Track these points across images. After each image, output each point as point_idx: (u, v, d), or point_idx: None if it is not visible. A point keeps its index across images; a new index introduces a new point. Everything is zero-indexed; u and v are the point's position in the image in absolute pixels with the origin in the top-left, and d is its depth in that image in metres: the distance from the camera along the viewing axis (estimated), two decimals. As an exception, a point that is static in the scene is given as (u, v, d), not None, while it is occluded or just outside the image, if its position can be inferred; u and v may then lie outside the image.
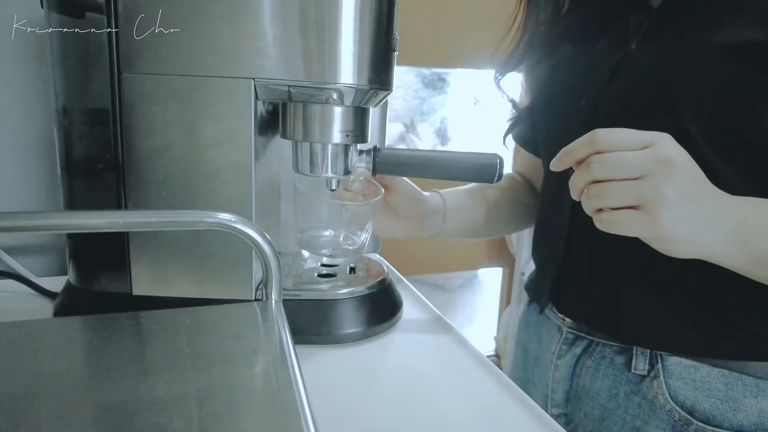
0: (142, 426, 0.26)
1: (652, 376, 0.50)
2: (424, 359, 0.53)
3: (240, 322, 0.40)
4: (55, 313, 0.55)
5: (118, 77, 0.47)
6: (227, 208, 0.41)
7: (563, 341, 0.58)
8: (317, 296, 0.55)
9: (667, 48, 0.47)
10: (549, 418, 0.44)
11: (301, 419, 0.27)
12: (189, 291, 0.51)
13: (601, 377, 0.54)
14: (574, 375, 0.57)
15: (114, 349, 0.34)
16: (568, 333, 0.57)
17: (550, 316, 0.61)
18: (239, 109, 0.48)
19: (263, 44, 0.46)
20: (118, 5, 0.45)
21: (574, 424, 0.58)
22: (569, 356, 0.57)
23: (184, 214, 0.39)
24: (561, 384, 0.58)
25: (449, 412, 0.44)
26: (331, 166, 0.53)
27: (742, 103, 0.43)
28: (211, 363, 0.33)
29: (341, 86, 0.48)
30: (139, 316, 0.39)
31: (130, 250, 0.50)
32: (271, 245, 0.40)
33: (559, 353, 0.58)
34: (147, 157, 0.48)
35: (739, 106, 0.43)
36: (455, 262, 2.03)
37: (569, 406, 0.58)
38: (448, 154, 0.57)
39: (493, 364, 0.52)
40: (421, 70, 2.26)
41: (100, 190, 0.51)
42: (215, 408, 0.28)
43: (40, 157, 0.69)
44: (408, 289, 0.70)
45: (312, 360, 0.51)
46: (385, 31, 0.49)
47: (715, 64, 0.43)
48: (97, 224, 0.37)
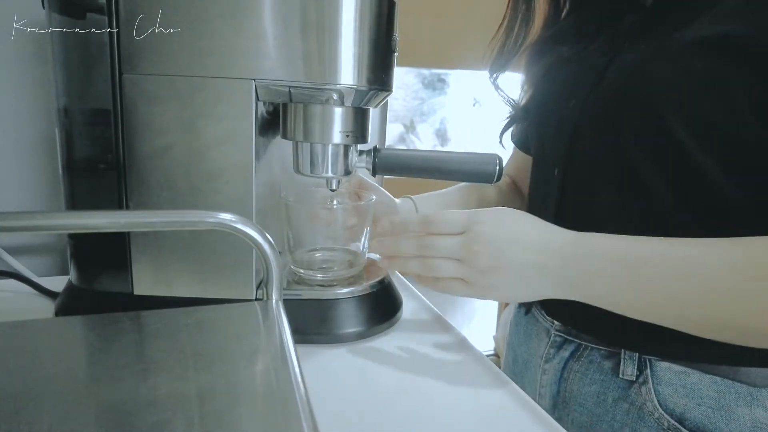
0: (142, 425, 0.26)
1: (641, 381, 0.48)
2: (424, 359, 0.53)
3: (240, 322, 0.40)
4: (57, 313, 0.55)
5: (119, 77, 0.47)
6: (228, 208, 0.41)
7: (551, 344, 0.57)
8: (317, 296, 0.55)
9: (649, 47, 0.47)
10: (549, 418, 0.44)
11: (302, 419, 0.27)
12: (190, 291, 0.52)
13: (589, 382, 0.52)
14: (562, 379, 0.55)
15: (115, 349, 0.34)
16: (556, 336, 0.56)
17: (539, 318, 0.60)
18: (240, 110, 0.48)
19: (264, 45, 0.46)
20: (118, 5, 0.45)
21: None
22: (557, 360, 0.56)
23: (185, 214, 0.39)
24: (548, 389, 0.57)
25: (449, 412, 0.44)
26: (331, 166, 0.53)
27: (723, 100, 0.42)
28: (211, 362, 0.33)
29: (341, 87, 0.48)
30: (140, 315, 0.39)
31: (131, 250, 0.51)
32: (271, 245, 0.40)
33: (547, 357, 0.57)
34: (148, 158, 0.49)
35: (720, 104, 0.42)
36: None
37: (557, 412, 0.56)
38: (447, 155, 0.57)
39: (492, 364, 0.52)
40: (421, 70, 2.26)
41: (101, 190, 0.51)
42: (216, 407, 0.28)
43: (42, 158, 0.69)
44: (408, 289, 0.70)
45: (312, 360, 0.51)
46: (385, 32, 0.49)
47: (692, 62, 0.43)
48: (98, 224, 0.37)
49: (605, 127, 0.49)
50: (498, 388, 0.48)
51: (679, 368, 0.47)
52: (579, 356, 0.54)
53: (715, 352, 0.46)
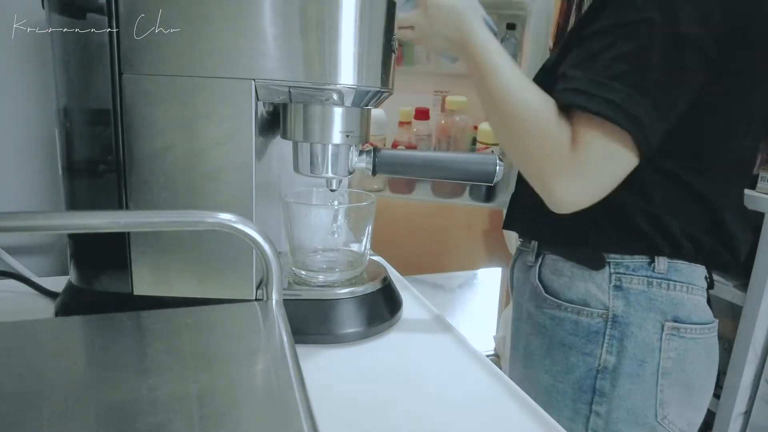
0: (142, 425, 0.26)
1: (535, 265, 0.73)
2: (424, 359, 0.53)
3: (240, 322, 0.40)
4: (57, 313, 0.55)
5: (119, 78, 0.47)
6: (228, 208, 0.41)
7: (516, 252, 0.82)
8: (317, 296, 0.55)
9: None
10: (549, 418, 0.44)
11: (302, 419, 0.27)
12: (190, 291, 0.52)
13: (518, 269, 0.80)
14: (513, 273, 0.83)
15: (115, 349, 0.34)
16: (519, 247, 0.81)
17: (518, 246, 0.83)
18: (240, 110, 0.48)
19: (264, 45, 0.46)
20: (118, 5, 0.45)
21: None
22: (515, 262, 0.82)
23: (185, 214, 0.39)
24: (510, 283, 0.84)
25: (449, 412, 0.44)
26: (331, 166, 0.53)
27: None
28: (211, 362, 0.33)
29: (341, 87, 0.48)
30: (140, 315, 0.39)
31: (131, 250, 0.51)
32: (271, 245, 0.40)
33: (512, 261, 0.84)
34: (148, 158, 0.49)
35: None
36: (455, 262, 2.03)
37: (513, 296, 0.82)
38: (447, 155, 0.57)
39: (492, 364, 0.52)
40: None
41: (101, 191, 0.51)
42: (216, 407, 0.28)
43: (42, 158, 0.69)
44: (408, 289, 0.70)
45: (312, 360, 0.51)
46: (385, 32, 0.49)
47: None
48: (98, 224, 0.37)
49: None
50: (498, 388, 0.48)
51: (554, 257, 0.70)
52: (519, 255, 0.80)
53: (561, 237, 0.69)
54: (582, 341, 0.66)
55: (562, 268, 0.69)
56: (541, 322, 0.71)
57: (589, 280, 0.66)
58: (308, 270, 0.59)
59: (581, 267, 0.67)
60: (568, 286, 0.68)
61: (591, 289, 0.66)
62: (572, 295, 0.67)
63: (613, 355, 0.64)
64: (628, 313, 0.63)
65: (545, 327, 0.70)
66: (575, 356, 0.67)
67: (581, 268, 0.67)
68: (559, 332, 0.68)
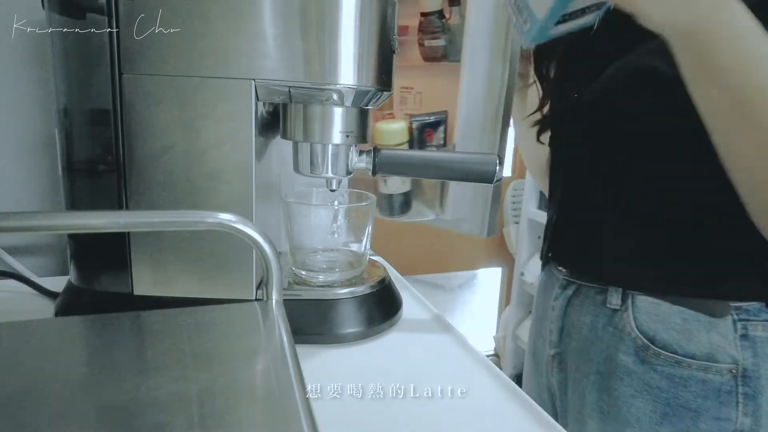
0: (142, 425, 0.26)
1: (623, 310, 0.59)
2: (424, 359, 0.53)
3: (240, 322, 0.40)
4: (57, 313, 0.55)
5: (119, 78, 0.47)
6: (228, 208, 0.41)
7: (559, 287, 0.68)
8: (317, 296, 0.55)
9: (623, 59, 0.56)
10: (549, 418, 0.44)
11: (302, 419, 0.27)
12: (190, 291, 0.52)
13: (585, 313, 0.64)
14: (565, 315, 0.67)
15: (115, 349, 0.34)
16: (563, 280, 0.67)
17: (553, 271, 0.70)
18: (240, 110, 0.48)
19: (263, 45, 0.46)
20: (118, 5, 0.45)
21: (565, 362, 0.68)
22: (562, 298, 0.67)
23: (184, 214, 0.39)
24: (555, 323, 0.68)
25: (449, 412, 0.44)
26: (331, 166, 0.53)
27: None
28: (211, 362, 0.33)
29: (341, 87, 0.48)
30: (140, 315, 0.39)
31: (131, 250, 0.51)
32: (271, 245, 0.40)
33: (555, 297, 0.69)
34: (148, 158, 0.49)
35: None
36: (455, 262, 2.03)
37: (561, 344, 0.67)
38: (447, 155, 0.57)
39: (492, 364, 0.52)
40: (421, 70, 2.26)
41: (101, 191, 0.51)
42: (216, 407, 0.28)
43: (42, 158, 0.69)
44: (408, 289, 0.70)
45: (312, 360, 0.51)
46: (385, 32, 0.49)
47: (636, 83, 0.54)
48: (98, 224, 0.37)
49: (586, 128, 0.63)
50: (498, 388, 0.48)
51: (652, 300, 0.57)
52: (578, 293, 0.65)
53: (682, 287, 0.56)
54: (714, 404, 0.55)
55: (669, 314, 0.56)
56: (653, 383, 0.57)
57: (711, 330, 0.54)
58: (308, 270, 0.59)
59: (697, 313, 0.55)
60: (687, 338, 0.55)
61: (715, 341, 0.54)
62: (693, 349, 0.55)
63: (748, 416, 0.55)
64: (758, 365, 0.54)
65: (660, 388, 0.57)
66: (706, 422, 0.55)
67: (697, 314, 0.55)
68: (682, 394, 0.56)
